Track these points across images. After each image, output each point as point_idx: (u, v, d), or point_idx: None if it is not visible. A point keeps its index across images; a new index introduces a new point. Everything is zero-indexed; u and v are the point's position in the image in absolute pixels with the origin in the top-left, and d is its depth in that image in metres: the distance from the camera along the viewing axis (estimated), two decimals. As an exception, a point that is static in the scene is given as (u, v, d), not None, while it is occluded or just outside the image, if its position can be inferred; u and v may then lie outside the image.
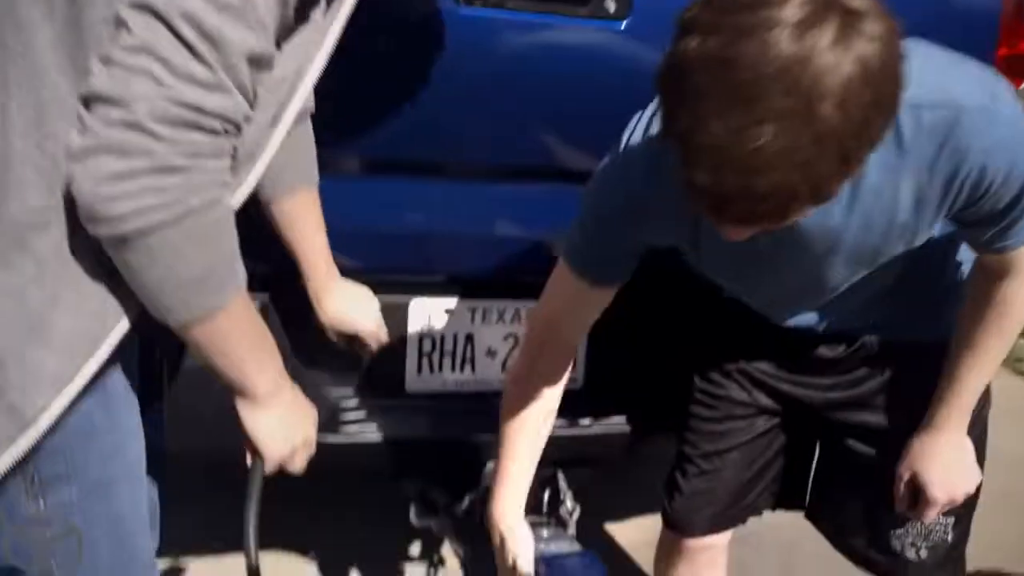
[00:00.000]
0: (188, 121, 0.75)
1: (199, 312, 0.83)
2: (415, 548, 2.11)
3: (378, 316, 1.41)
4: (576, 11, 1.39)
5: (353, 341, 1.41)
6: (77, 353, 0.83)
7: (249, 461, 1.01)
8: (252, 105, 0.82)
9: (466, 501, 1.57)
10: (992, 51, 1.63)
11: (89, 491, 0.90)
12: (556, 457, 1.64)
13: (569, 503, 1.62)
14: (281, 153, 0.92)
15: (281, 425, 0.98)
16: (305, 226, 1.28)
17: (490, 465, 1.57)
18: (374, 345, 1.42)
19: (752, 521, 1.49)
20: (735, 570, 1.58)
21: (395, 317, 1.52)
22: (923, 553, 1.34)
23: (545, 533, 1.37)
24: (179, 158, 0.75)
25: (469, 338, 1.58)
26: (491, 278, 1.56)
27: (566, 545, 1.34)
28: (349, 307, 1.37)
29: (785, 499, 1.48)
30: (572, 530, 1.57)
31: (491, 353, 1.59)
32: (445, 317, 1.55)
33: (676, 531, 1.47)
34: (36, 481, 0.87)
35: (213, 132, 0.77)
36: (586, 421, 1.59)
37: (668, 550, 1.51)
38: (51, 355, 0.82)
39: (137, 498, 0.98)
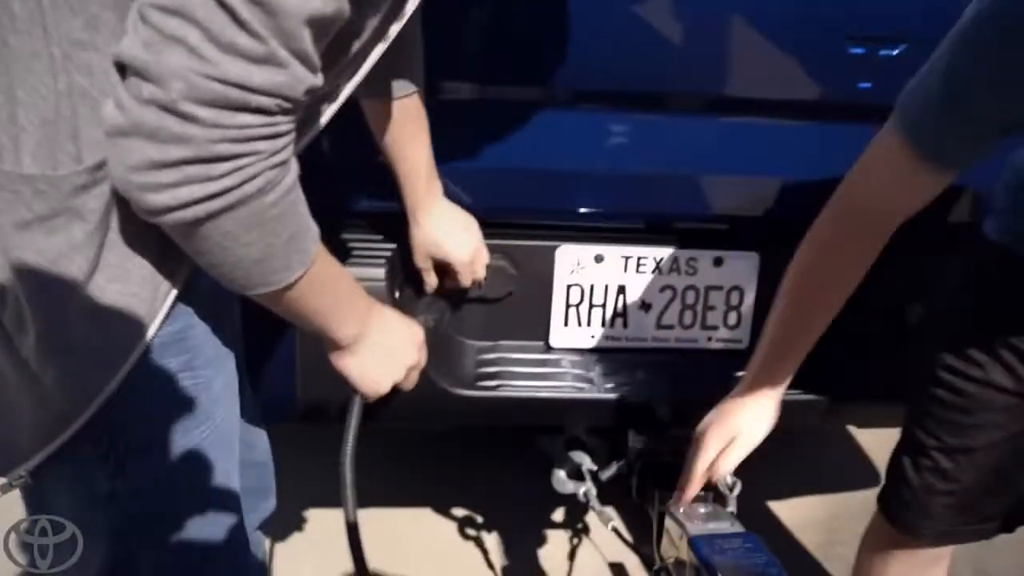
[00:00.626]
0: (233, 102, 0.63)
1: (263, 289, 0.77)
2: (558, 515, 1.99)
3: (477, 249, 1.26)
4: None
5: (445, 274, 1.27)
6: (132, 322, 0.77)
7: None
8: (318, 73, 0.68)
9: (613, 468, 1.43)
10: None
11: (173, 462, 0.84)
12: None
13: (728, 477, 1.45)
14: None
15: (374, 363, 0.96)
16: (402, 132, 1.12)
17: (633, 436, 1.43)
18: (467, 281, 1.27)
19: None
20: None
21: (541, 264, 1.39)
22: None
23: (702, 509, 1.21)
24: (224, 144, 0.64)
25: (621, 289, 1.42)
26: (648, 223, 1.40)
27: (726, 524, 1.17)
28: (445, 231, 1.23)
29: None
30: (732, 507, 1.40)
31: (645, 307, 1.43)
32: (595, 266, 1.40)
33: (896, 528, 1.26)
34: (112, 456, 0.81)
35: (265, 112, 0.65)
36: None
37: (881, 539, 1.31)
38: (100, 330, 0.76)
39: (227, 468, 0.92)
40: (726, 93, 1.34)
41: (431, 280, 1.28)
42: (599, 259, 1.40)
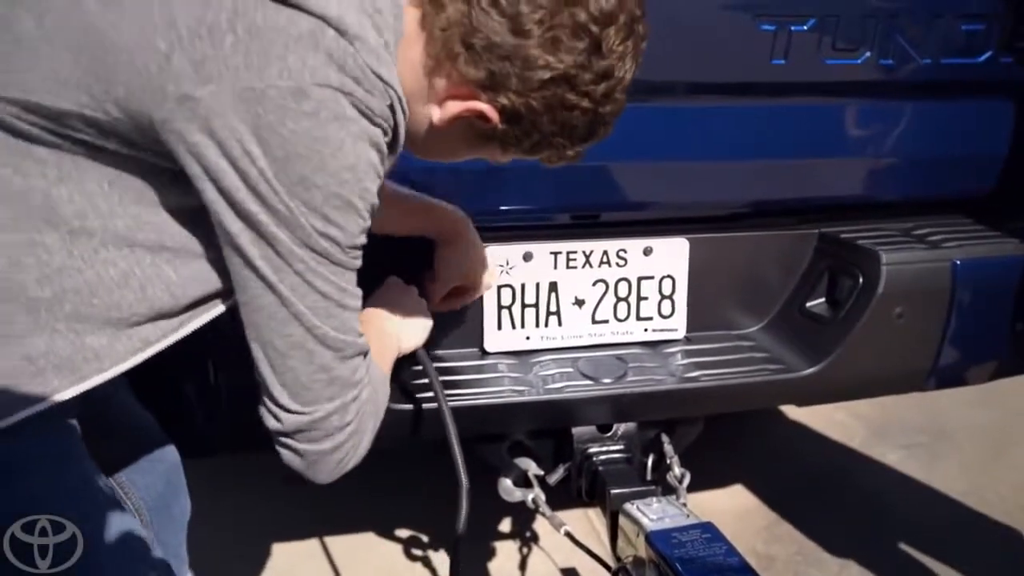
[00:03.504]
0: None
1: None
2: (505, 525, 1.94)
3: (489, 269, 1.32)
4: None
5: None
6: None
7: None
8: None
9: (560, 470, 1.39)
10: None
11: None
12: (660, 416, 1.45)
13: (677, 468, 1.42)
14: None
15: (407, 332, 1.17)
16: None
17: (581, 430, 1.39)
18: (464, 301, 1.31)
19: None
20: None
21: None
22: None
23: (655, 504, 1.18)
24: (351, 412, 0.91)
25: (553, 287, 1.38)
26: (574, 216, 1.36)
27: (681, 517, 1.14)
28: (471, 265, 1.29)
29: None
30: (683, 498, 1.37)
31: (578, 303, 1.40)
32: (525, 265, 1.36)
33: None
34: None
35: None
36: (693, 374, 1.37)
37: None
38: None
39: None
40: (642, 78, 1.32)
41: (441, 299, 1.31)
42: (528, 257, 1.36)
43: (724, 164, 1.38)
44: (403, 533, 1.92)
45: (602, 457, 1.35)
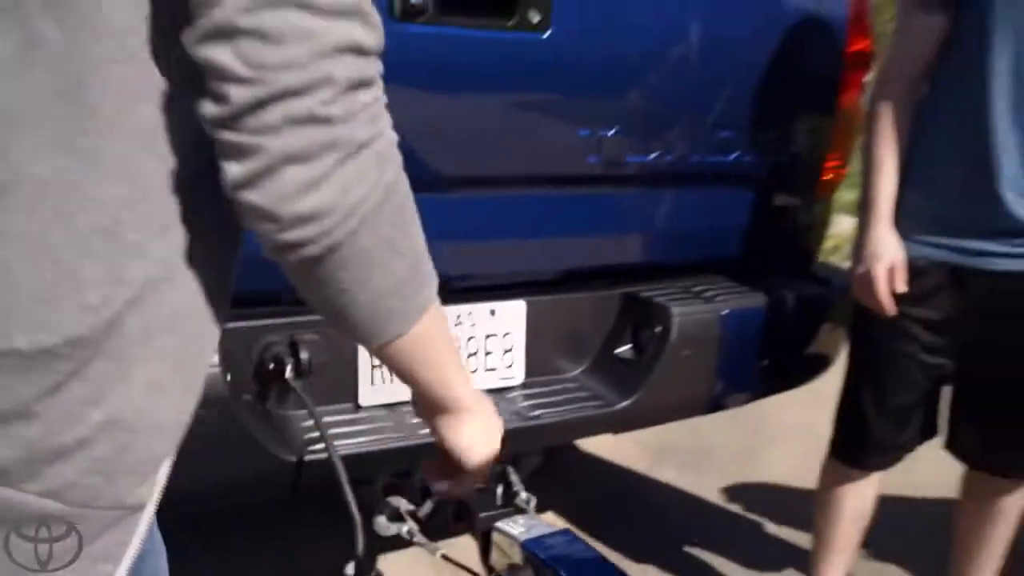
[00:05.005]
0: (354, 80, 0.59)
1: (417, 313, 0.72)
2: (384, 562, 2.11)
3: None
4: (505, 24, 1.47)
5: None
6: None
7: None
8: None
9: (429, 504, 1.61)
10: (843, 47, 1.86)
11: None
12: (510, 450, 1.72)
13: (523, 494, 1.69)
14: None
15: (484, 430, 0.91)
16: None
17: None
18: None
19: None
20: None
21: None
22: None
23: (521, 520, 1.44)
24: (364, 128, 0.61)
25: (416, 345, 1.62)
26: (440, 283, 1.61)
27: (544, 527, 1.41)
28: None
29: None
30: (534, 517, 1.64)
31: (437, 358, 1.64)
32: (392, 327, 1.59)
33: None
34: None
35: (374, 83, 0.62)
36: (534, 413, 1.66)
37: None
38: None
39: None
40: (487, 173, 1.61)
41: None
42: (395, 322, 1.59)
43: (551, 240, 1.70)
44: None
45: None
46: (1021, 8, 1.51)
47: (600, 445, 2.78)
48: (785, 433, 2.86)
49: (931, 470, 2.02)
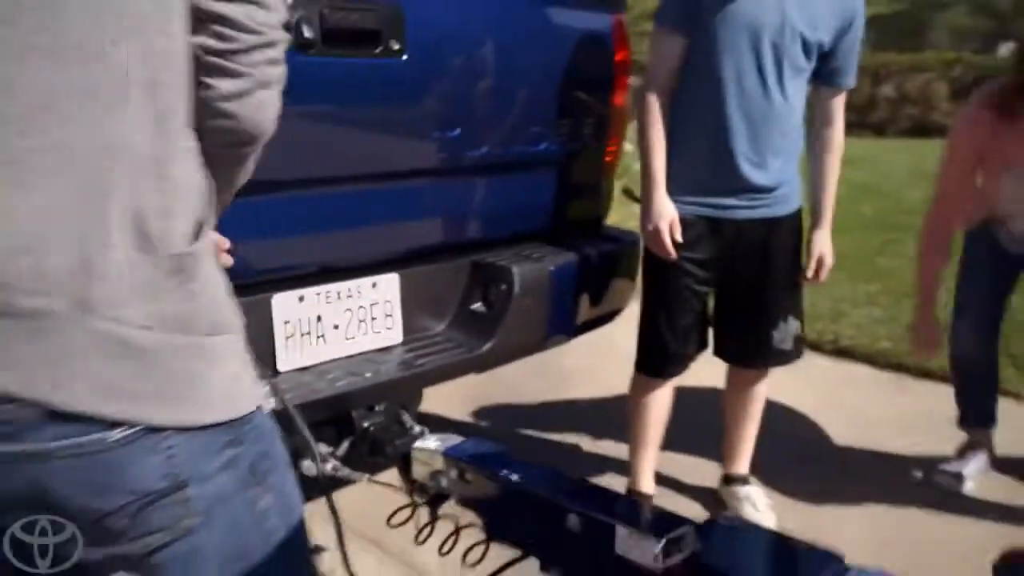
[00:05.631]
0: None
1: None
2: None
3: None
4: (373, 52, 1.85)
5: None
6: None
7: None
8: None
9: (346, 443, 1.96)
10: (612, 58, 2.42)
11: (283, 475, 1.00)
12: (400, 391, 2.10)
13: (416, 427, 2.08)
14: None
15: None
16: None
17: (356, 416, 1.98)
18: None
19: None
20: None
21: (262, 312, 1.85)
22: (787, 344, 2.38)
23: (432, 438, 1.83)
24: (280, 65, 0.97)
25: (319, 318, 1.95)
26: (324, 268, 1.96)
27: (455, 439, 1.81)
28: None
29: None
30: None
31: (336, 327, 1.99)
32: (299, 304, 1.91)
33: None
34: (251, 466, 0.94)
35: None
36: (417, 363, 2.05)
37: None
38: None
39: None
40: (363, 171, 1.98)
41: None
42: (301, 299, 1.92)
43: (414, 223, 2.10)
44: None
45: (377, 425, 1.95)
46: (735, 31, 2.13)
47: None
48: (581, 375, 3.44)
49: (707, 372, 2.64)
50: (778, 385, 2.64)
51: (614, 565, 1.31)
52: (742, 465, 2.55)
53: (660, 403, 2.45)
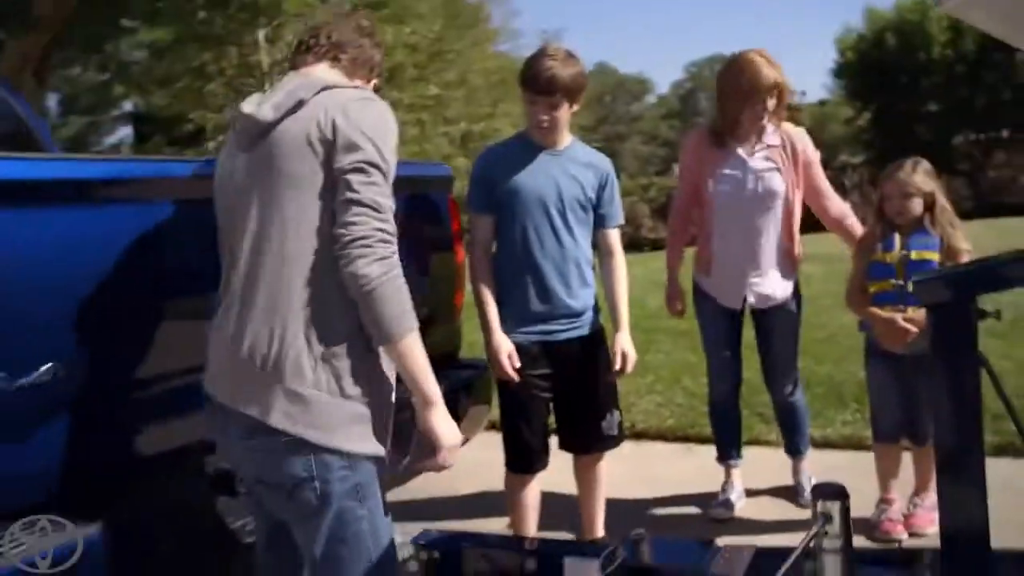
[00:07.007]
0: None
1: (401, 337, 1.66)
2: None
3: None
4: None
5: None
6: None
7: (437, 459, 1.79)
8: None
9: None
10: (452, 227, 3.08)
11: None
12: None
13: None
14: None
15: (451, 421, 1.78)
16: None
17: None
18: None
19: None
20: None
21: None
22: (614, 431, 3.00)
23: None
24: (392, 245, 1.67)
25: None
26: None
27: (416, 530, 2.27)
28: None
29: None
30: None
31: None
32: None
33: None
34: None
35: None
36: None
37: None
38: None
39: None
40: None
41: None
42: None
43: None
44: None
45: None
46: (527, 204, 2.90)
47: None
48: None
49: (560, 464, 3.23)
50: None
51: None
52: (598, 530, 3.17)
53: (531, 494, 3.02)
